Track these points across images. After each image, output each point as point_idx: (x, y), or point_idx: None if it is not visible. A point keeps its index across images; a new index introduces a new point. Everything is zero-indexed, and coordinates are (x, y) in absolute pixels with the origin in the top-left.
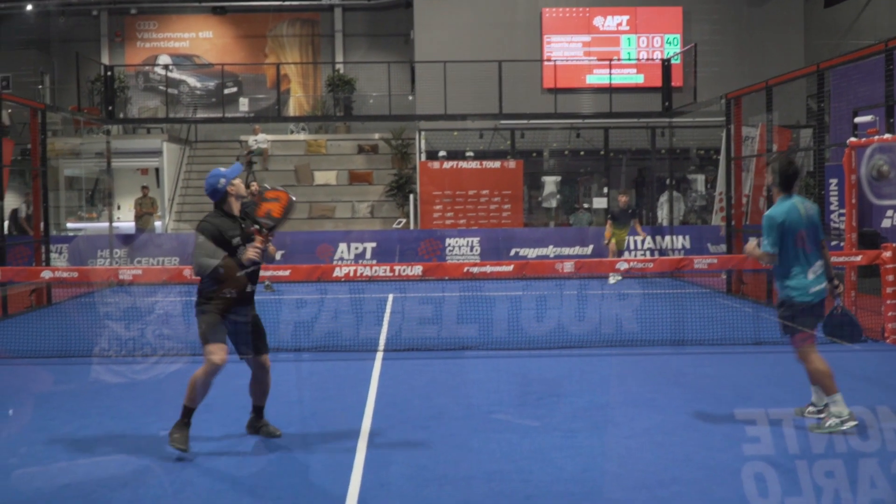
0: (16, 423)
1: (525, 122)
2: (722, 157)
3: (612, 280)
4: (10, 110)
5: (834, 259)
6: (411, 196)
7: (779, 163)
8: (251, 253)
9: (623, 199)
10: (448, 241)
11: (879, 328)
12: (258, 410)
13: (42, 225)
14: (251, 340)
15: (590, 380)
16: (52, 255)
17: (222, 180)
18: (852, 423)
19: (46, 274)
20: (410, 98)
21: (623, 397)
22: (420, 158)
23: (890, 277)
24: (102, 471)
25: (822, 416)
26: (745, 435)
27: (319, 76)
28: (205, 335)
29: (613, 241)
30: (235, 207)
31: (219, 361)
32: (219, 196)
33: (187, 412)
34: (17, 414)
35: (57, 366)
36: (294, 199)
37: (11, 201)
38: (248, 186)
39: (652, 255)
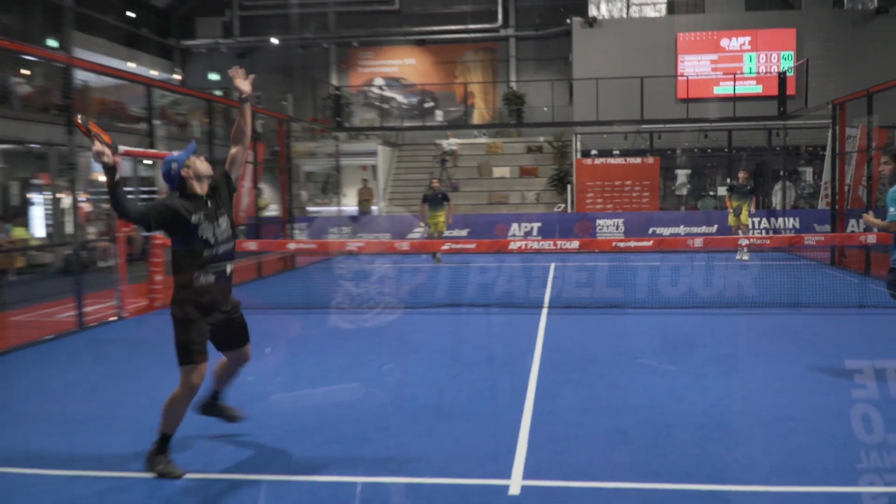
0: (270, 360)
1: (662, 126)
2: (828, 153)
3: (740, 256)
4: (262, 121)
5: None
6: (569, 186)
7: None
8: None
9: (742, 174)
10: (599, 221)
11: None
12: (217, 394)
13: (287, 209)
14: (236, 335)
15: (717, 334)
16: (296, 231)
17: (174, 165)
18: None
19: (291, 245)
20: (569, 108)
21: (746, 349)
22: (576, 156)
23: None
24: (335, 396)
25: None
26: (852, 382)
27: (497, 92)
28: (185, 348)
29: (732, 216)
30: (198, 187)
31: (198, 383)
32: (174, 182)
33: (165, 440)
34: (272, 353)
35: (300, 315)
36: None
37: (265, 191)
38: (440, 181)
39: (768, 234)
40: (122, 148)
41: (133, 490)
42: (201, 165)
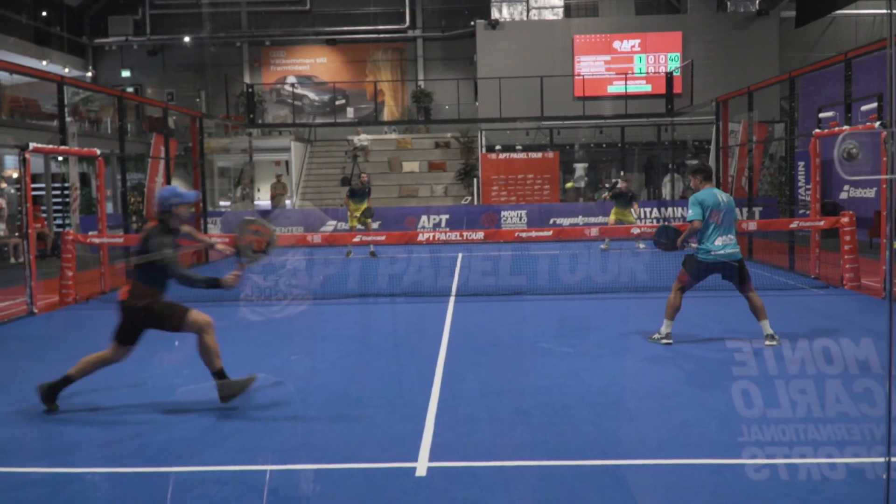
0: (178, 353)
1: (560, 122)
2: (713, 146)
3: (603, 246)
4: (174, 117)
5: (802, 224)
6: (475, 179)
7: (700, 164)
8: (231, 279)
9: (623, 184)
10: (503, 213)
11: (838, 277)
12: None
13: (201, 204)
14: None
15: (611, 317)
16: (209, 226)
17: (175, 199)
18: (667, 342)
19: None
20: (475, 105)
21: (635, 330)
22: (481, 151)
23: (847, 238)
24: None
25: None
26: (734, 359)
27: (406, 90)
28: (181, 310)
29: (614, 217)
30: (176, 224)
31: (209, 318)
32: (166, 208)
33: (222, 372)
34: (180, 346)
35: (211, 308)
36: (276, 234)
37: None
38: (358, 176)
39: (658, 223)
40: (32, 145)
41: (41, 486)
42: (186, 212)
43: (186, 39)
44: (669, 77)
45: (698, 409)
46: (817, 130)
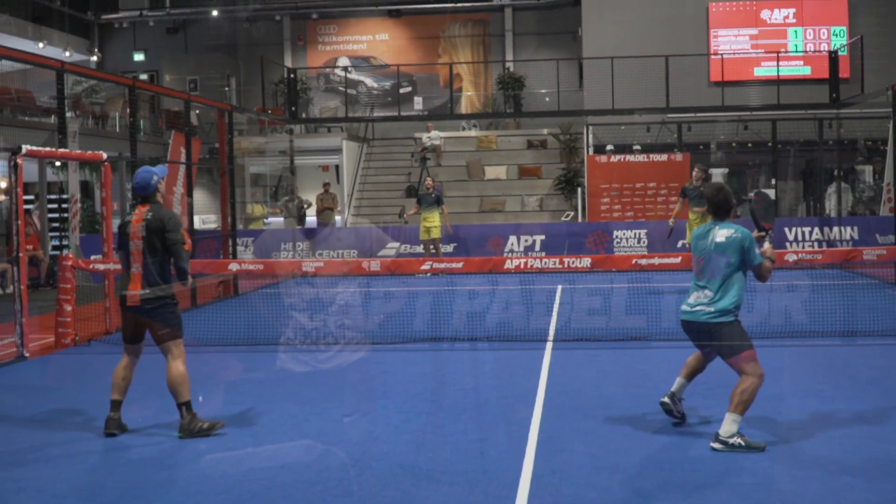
0: (205, 409)
1: (692, 115)
2: (889, 148)
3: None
4: (198, 111)
5: None
6: (579, 189)
7: (709, 189)
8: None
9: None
10: (616, 233)
11: None
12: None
13: (229, 220)
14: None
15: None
16: (239, 249)
17: (155, 177)
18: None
19: (234, 266)
20: (579, 94)
21: (793, 388)
22: (588, 152)
23: None
24: (286, 455)
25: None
26: None
27: (490, 74)
28: (178, 328)
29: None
30: (161, 201)
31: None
32: (150, 190)
33: (189, 405)
34: (206, 400)
35: (244, 353)
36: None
37: (200, 198)
38: (419, 184)
39: (820, 246)
40: (25, 147)
41: None
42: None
43: (214, 13)
44: (834, 57)
45: (872, 490)
46: None
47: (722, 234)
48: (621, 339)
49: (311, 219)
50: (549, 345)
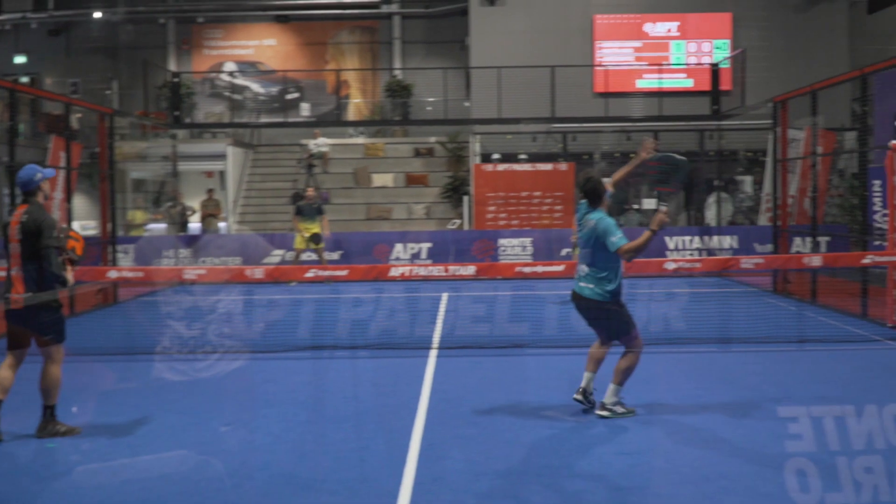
0: (80, 419)
1: (576, 125)
2: (769, 159)
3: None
4: (79, 115)
5: (877, 259)
6: (466, 198)
7: (580, 179)
8: (72, 277)
9: (311, 190)
10: (501, 241)
11: None
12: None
13: (109, 226)
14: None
15: (636, 377)
16: (119, 256)
17: (39, 174)
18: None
19: (112, 273)
20: (466, 103)
21: (670, 395)
22: (474, 161)
23: None
24: (164, 466)
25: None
26: (792, 430)
27: (378, 82)
28: (60, 333)
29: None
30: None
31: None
32: (31, 187)
33: (54, 409)
34: (81, 411)
35: (121, 363)
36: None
37: (80, 204)
38: (306, 190)
39: (700, 255)
40: None
41: None
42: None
43: (97, 15)
44: (716, 70)
45: (747, 494)
46: (895, 142)
47: (590, 221)
48: (504, 346)
49: (194, 225)
50: (434, 352)
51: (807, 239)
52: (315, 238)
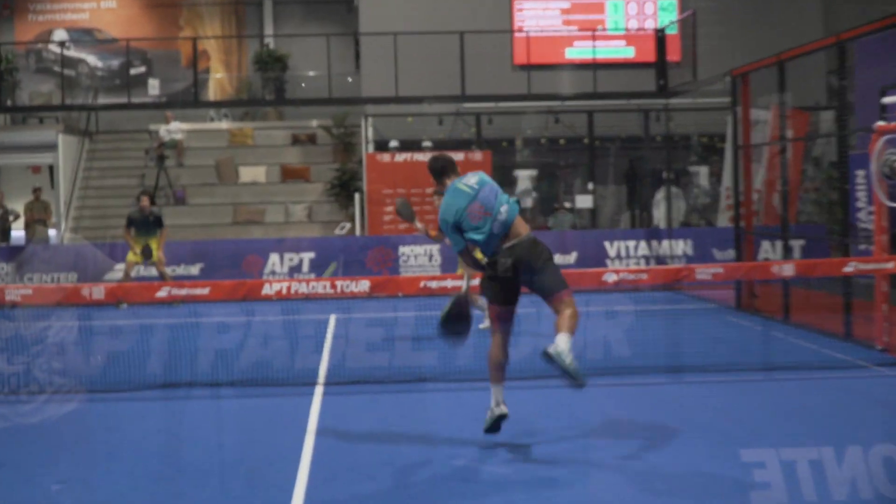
0: None
1: (493, 104)
2: (728, 146)
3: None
4: None
5: (862, 267)
6: (357, 195)
7: (429, 161)
8: None
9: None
10: (402, 249)
11: None
12: None
13: None
14: None
15: (572, 416)
16: None
17: None
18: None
19: None
20: (354, 78)
21: (613, 436)
22: (367, 150)
23: None
24: None
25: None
26: (754, 479)
27: (245, 52)
28: None
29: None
30: None
31: None
32: None
33: None
34: None
35: None
36: None
37: None
38: (156, 188)
39: (647, 263)
40: None
41: None
42: None
43: None
44: (661, 37)
45: None
46: (881, 123)
47: (467, 179)
48: (407, 379)
49: (17, 233)
50: (320, 389)
51: (776, 243)
52: (146, 251)
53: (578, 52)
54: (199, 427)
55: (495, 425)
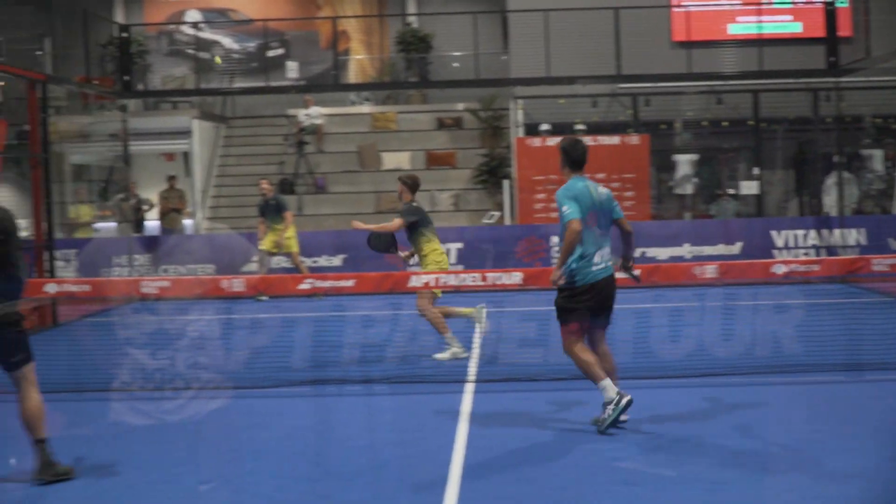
0: (17, 473)
1: (651, 84)
2: None
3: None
4: (1, 83)
5: None
6: (506, 182)
7: (565, 140)
8: None
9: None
10: (554, 239)
11: None
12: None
13: (44, 226)
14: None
15: (739, 416)
16: (58, 264)
17: None
18: (627, 399)
19: (51, 288)
20: (503, 58)
21: (786, 439)
22: (516, 134)
23: None
24: None
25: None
26: None
27: (387, 32)
28: (30, 350)
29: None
30: None
31: None
32: None
33: (47, 442)
34: (19, 464)
35: (66, 402)
36: None
37: (6, 197)
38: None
39: (817, 254)
40: None
41: None
42: None
43: None
44: (831, 10)
45: None
46: None
47: (600, 189)
48: (559, 377)
49: (152, 223)
50: (470, 386)
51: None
52: (275, 241)
53: (742, 27)
54: (346, 425)
55: (616, 419)
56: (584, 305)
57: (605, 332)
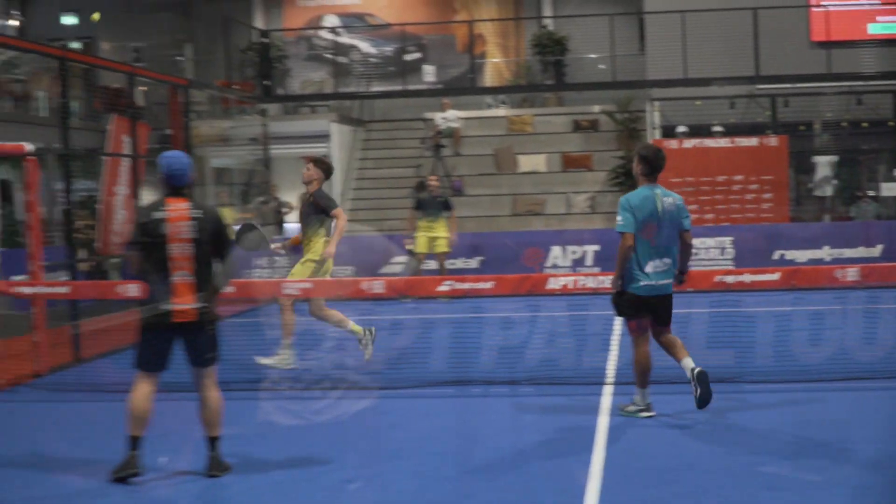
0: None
1: (789, 85)
2: None
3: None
4: (145, 88)
5: None
6: None
7: (647, 149)
8: None
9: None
10: (694, 241)
11: None
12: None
13: None
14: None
15: (882, 421)
16: None
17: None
18: (648, 414)
19: None
20: (640, 59)
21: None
22: (653, 136)
23: None
24: None
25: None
26: None
27: (523, 35)
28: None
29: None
30: None
31: None
32: (187, 181)
33: (218, 441)
34: (172, 461)
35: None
36: None
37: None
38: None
39: None
40: None
41: None
42: None
43: None
44: None
45: None
46: None
47: (668, 199)
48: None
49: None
50: (609, 388)
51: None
52: (439, 242)
53: (882, 27)
54: (486, 426)
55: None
56: (633, 310)
57: (667, 327)
